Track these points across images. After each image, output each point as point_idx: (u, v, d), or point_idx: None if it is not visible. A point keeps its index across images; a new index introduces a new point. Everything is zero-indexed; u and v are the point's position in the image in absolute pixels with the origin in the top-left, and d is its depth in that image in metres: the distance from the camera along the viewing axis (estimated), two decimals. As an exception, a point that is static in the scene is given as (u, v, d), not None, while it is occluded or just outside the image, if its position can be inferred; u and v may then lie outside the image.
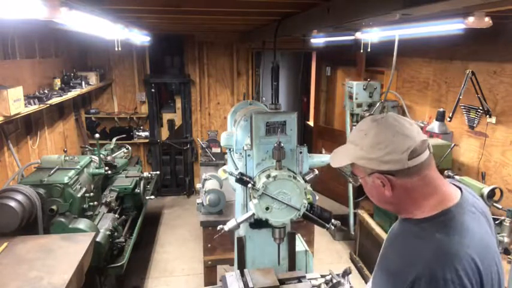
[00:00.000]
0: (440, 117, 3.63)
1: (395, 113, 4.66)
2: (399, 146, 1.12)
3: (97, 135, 3.85)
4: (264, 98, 7.58)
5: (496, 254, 1.14)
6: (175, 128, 6.40)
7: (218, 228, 1.94)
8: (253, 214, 1.74)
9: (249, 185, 1.71)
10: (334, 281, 1.82)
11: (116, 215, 3.66)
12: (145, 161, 6.39)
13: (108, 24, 2.75)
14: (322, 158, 1.93)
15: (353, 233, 3.99)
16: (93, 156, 3.70)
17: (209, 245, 3.06)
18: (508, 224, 2.79)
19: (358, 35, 3.90)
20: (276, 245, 1.93)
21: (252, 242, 1.95)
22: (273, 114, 1.80)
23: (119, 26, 3.01)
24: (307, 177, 1.82)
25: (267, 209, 1.69)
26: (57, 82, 4.26)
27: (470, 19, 2.32)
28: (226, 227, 1.81)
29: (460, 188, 1.23)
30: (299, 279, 1.88)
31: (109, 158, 4.21)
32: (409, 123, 1.18)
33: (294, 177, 1.70)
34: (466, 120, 3.72)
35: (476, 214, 1.18)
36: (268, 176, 1.69)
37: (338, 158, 1.31)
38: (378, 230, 3.88)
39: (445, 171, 3.44)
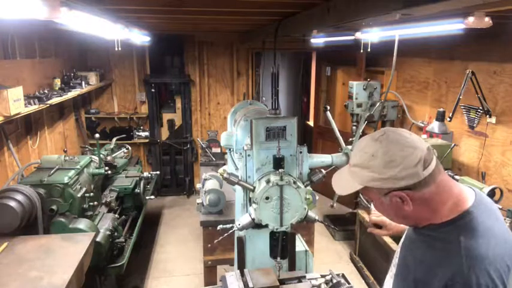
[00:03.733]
0: (440, 117, 3.62)
1: (395, 113, 4.69)
2: (411, 159, 1.10)
3: (97, 135, 3.85)
4: (264, 98, 7.58)
5: None
6: (175, 128, 6.40)
7: (218, 228, 1.94)
8: (253, 219, 1.74)
9: (237, 183, 1.71)
10: (334, 281, 1.82)
11: (116, 215, 3.66)
12: (145, 161, 6.39)
13: (108, 24, 2.75)
14: (322, 158, 1.93)
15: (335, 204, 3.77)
16: (93, 156, 3.70)
17: (209, 245, 3.06)
18: (508, 224, 2.79)
19: (358, 35, 3.90)
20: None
21: (252, 242, 1.95)
22: (272, 119, 1.79)
23: (119, 26, 3.01)
24: (314, 178, 1.82)
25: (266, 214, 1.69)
26: (57, 82, 4.26)
27: (470, 19, 2.32)
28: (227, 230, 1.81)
29: (472, 189, 1.22)
30: (299, 279, 1.88)
31: (109, 158, 4.21)
32: (408, 133, 1.17)
33: (294, 182, 1.70)
34: (466, 120, 3.71)
35: (493, 211, 1.18)
36: (268, 181, 1.69)
37: (344, 184, 1.25)
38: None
39: (445, 171, 3.44)
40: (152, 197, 4.58)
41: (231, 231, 1.89)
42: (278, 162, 1.73)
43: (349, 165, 1.24)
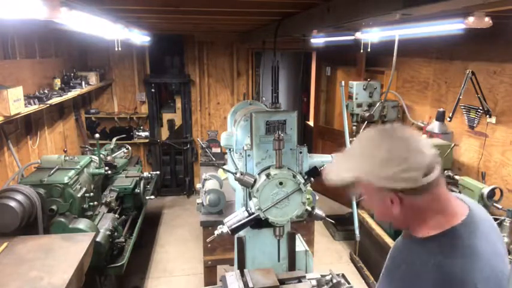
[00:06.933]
0: (440, 117, 3.63)
1: (395, 113, 4.69)
2: (414, 163, 1.04)
3: (97, 135, 3.85)
4: (264, 98, 7.57)
5: (502, 274, 1.08)
6: (175, 128, 6.40)
7: (217, 230, 1.93)
8: (252, 213, 1.74)
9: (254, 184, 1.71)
10: (334, 281, 1.82)
11: (116, 215, 3.66)
12: (145, 161, 6.39)
13: (108, 24, 2.75)
14: (322, 158, 1.93)
15: (358, 234, 3.97)
16: (93, 156, 3.70)
17: (209, 245, 3.06)
18: (508, 224, 2.78)
19: (358, 35, 3.90)
20: (276, 246, 1.93)
21: (252, 242, 1.95)
22: (273, 113, 1.79)
23: (119, 26, 3.01)
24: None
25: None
26: (57, 82, 4.26)
27: (470, 19, 2.32)
28: (225, 228, 1.80)
29: (468, 205, 1.17)
30: (299, 279, 1.88)
31: (109, 158, 4.21)
32: (418, 134, 1.12)
33: (294, 176, 1.70)
34: (466, 120, 3.71)
35: (485, 231, 1.12)
36: (268, 175, 1.69)
37: (338, 170, 1.16)
38: (378, 230, 3.88)
39: (445, 171, 3.44)
40: (152, 197, 4.58)
41: (217, 233, 1.83)
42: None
43: (349, 150, 1.19)
